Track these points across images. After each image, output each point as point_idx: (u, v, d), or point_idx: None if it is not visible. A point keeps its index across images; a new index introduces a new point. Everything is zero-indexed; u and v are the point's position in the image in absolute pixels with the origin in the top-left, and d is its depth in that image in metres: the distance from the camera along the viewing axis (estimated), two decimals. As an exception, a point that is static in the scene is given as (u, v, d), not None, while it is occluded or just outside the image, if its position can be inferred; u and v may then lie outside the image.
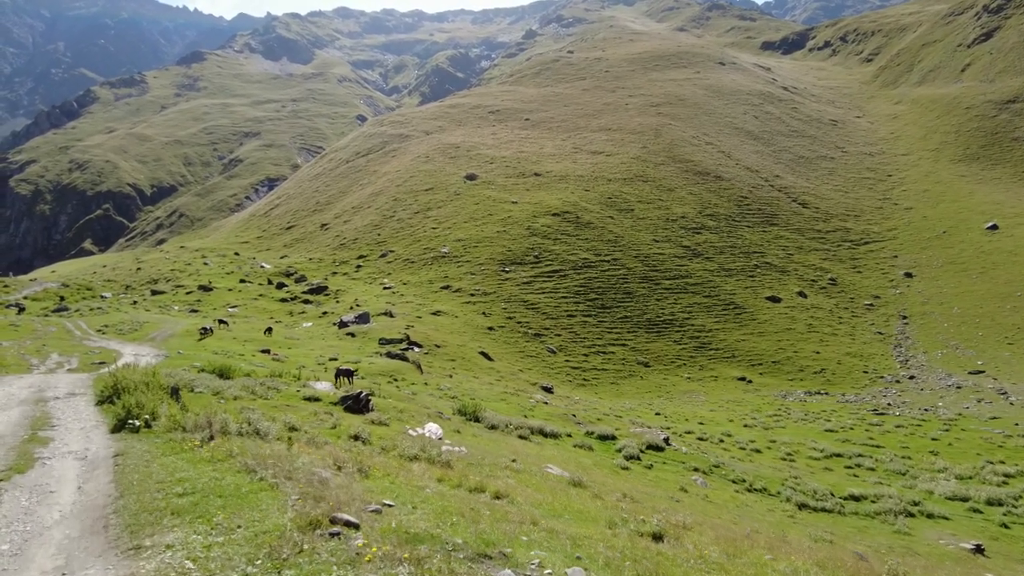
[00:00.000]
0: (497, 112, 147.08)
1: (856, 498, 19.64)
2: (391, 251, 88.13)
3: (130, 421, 11.13)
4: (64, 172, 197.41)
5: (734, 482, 20.21)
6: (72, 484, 8.59)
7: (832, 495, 19.63)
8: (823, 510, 18.25)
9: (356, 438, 11.35)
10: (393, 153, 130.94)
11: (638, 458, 20.07)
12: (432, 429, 14.13)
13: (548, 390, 47.40)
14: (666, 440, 22.96)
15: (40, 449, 10.20)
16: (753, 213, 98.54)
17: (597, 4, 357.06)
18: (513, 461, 12.95)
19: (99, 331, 45.07)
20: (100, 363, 28.38)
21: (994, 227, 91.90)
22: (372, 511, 7.33)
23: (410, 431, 13.69)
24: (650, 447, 21.77)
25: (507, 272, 76.12)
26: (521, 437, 19.55)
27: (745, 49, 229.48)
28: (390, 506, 7.80)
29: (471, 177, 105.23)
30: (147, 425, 11.07)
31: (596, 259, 79.82)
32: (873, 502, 19.27)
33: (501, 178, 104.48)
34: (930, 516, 18.41)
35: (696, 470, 20.26)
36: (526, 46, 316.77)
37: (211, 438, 9.84)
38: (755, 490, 19.64)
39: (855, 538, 14.04)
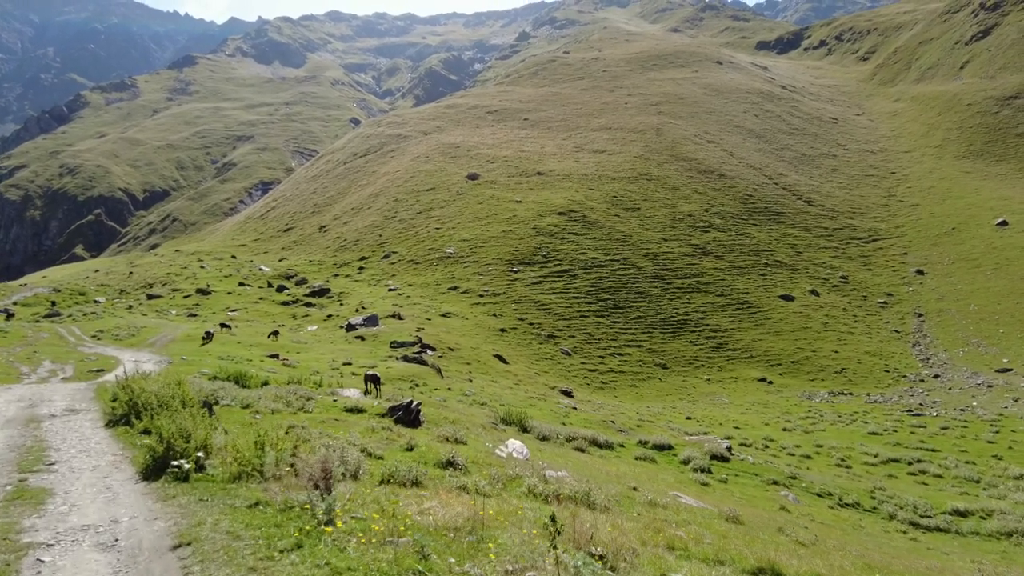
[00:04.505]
0: (495, 112, 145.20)
1: (962, 513, 17.66)
2: (394, 252, 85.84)
3: (174, 463, 7.54)
4: (55, 177, 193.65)
5: (820, 495, 18.21)
6: None
7: (933, 510, 17.64)
8: (937, 529, 16.25)
9: (450, 465, 9.05)
10: (391, 154, 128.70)
11: (709, 471, 18.04)
12: (516, 447, 11.98)
13: (568, 394, 45.31)
14: (728, 449, 20.97)
15: (32, 518, 6.37)
16: (759, 211, 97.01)
17: (590, 6, 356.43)
18: (634, 489, 10.75)
19: (94, 336, 42.69)
20: (98, 371, 26.27)
21: (1004, 223, 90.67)
22: None
23: (496, 451, 11.50)
24: (714, 457, 19.76)
25: (516, 272, 74.02)
26: (578, 449, 17.46)
27: (740, 49, 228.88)
28: None
29: (473, 177, 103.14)
30: (199, 467, 7.60)
31: (605, 258, 77.88)
32: (983, 518, 17.31)
33: (503, 177, 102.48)
34: (1060, 535, 16.47)
35: (775, 483, 18.25)
36: (519, 48, 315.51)
37: (328, 492, 6.17)
38: (846, 505, 17.65)
39: (1015, 570, 12.07)
